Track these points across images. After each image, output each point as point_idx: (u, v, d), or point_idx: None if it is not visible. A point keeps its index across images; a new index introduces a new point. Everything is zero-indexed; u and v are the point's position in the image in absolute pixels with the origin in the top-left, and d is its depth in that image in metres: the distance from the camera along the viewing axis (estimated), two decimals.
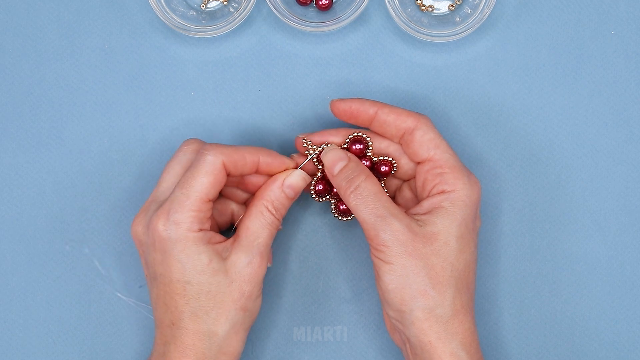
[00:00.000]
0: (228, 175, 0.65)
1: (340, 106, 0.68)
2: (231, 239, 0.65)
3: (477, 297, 0.72)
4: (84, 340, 0.73)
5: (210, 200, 0.64)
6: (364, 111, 0.67)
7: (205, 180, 0.63)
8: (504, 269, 0.74)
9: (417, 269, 0.63)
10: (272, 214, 0.65)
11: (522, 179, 0.74)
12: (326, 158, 0.67)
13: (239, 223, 0.66)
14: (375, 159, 0.68)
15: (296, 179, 0.66)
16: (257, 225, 0.64)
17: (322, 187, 0.68)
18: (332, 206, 0.69)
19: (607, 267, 0.74)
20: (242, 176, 0.67)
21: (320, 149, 0.67)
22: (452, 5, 0.75)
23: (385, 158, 0.68)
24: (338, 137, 0.68)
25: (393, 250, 0.63)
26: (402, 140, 0.67)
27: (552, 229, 0.74)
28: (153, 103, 0.74)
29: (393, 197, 0.71)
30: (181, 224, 0.63)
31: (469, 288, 0.65)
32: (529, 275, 0.74)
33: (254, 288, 0.64)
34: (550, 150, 0.74)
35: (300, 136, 0.68)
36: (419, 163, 0.67)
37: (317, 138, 0.68)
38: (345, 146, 0.68)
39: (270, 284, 0.72)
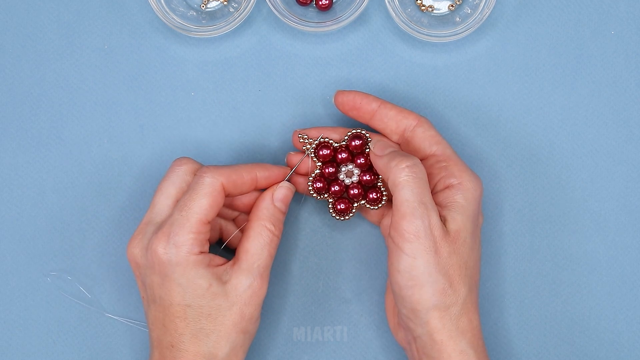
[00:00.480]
0: (227, 195, 0.65)
1: (344, 97, 0.68)
2: (231, 262, 0.65)
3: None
4: (84, 340, 0.73)
5: (209, 222, 0.64)
6: (366, 104, 0.67)
7: (204, 202, 0.63)
8: (505, 269, 0.73)
9: (439, 267, 0.62)
10: (271, 232, 0.65)
11: (522, 179, 0.74)
12: (374, 144, 0.66)
13: (238, 246, 0.66)
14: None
15: (283, 192, 0.66)
16: (257, 246, 0.64)
17: (320, 185, 0.68)
18: (330, 206, 0.69)
19: (607, 267, 0.73)
20: (241, 195, 0.67)
21: (316, 142, 0.67)
22: (452, 5, 0.75)
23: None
24: (336, 134, 0.69)
25: (423, 243, 0.62)
26: (402, 139, 0.68)
27: (552, 229, 0.74)
28: (153, 103, 0.74)
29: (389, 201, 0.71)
30: (182, 246, 0.62)
31: (477, 285, 0.66)
32: (529, 275, 0.73)
33: (255, 310, 0.64)
34: (550, 150, 0.74)
35: (297, 130, 0.68)
36: (421, 160, 0.67)
37: (315, 132, 0.68)
38: (344, 143, 0.68)
39: (270, 283, 0.71)
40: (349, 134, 0.68)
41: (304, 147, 0.68)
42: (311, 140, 0.68)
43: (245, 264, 0.64)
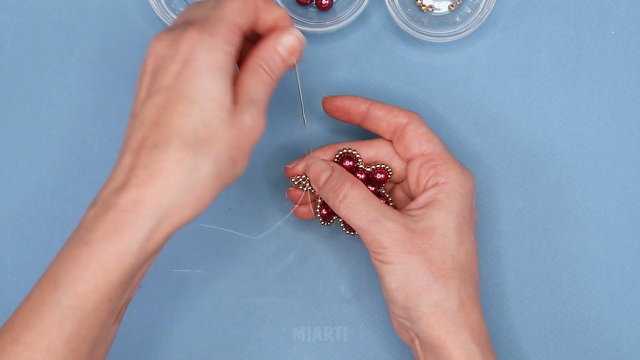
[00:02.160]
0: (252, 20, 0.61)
1: (332, 103, 0.68)
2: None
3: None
4: None
5: (242, 32, 0.60)
6: (355, 107, 0.67)
7: (238, 4, 0.60)
8: (505, 269, 0.73)
9: (417, 265, 0.62)
10: (267, 73, 0.61)
11: (522, 178, 0.74)
12: (309, 172, 0.67)
13: (237, 81, 0.62)
14: (369, 169, 0.68)
15: (291, 40, 0.62)
16: (253, 82, 0.60)
17: (326, 212, 0.68)
18: (341, 224, 0.69)
19: (607, 267, 0.73)
20: (258, 26, 0.63)
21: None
22: (452, 5, 0.75)
23: (379, 166, 0.68)
24: (326, 155, 0.68)
25: (391, 250, 0.63)
26: (394, 137, 0.67)
27: (552, 228, 0.74)
28: None
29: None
30: (217, 36, 0.58)
31: (473, 279, 0.65)
32: (529, 275, 0.73)
33: (249, 144, 0.60)
34: (550, 150, 0.74)
35: (289, 167, 0.68)
36: (410, 160, 0.67)
37: (303, 164, 0.68)
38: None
39: (270, 283, 0.72)
40: (337, 156, 0.67)
41: (300, 187, 0.68)
42: (305, 177, 0.68)
43: (245, 96, 0.60)
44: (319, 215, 0.68)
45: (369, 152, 0.68)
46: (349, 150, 0.67)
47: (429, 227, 0.63)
